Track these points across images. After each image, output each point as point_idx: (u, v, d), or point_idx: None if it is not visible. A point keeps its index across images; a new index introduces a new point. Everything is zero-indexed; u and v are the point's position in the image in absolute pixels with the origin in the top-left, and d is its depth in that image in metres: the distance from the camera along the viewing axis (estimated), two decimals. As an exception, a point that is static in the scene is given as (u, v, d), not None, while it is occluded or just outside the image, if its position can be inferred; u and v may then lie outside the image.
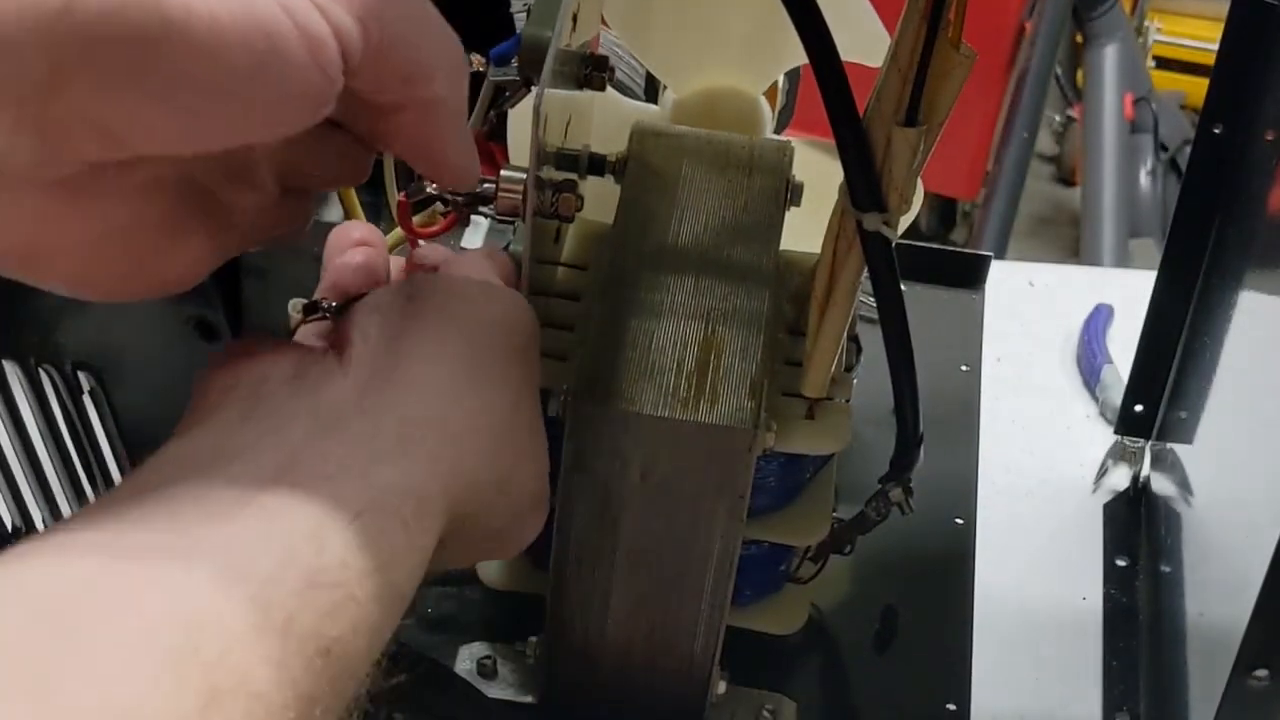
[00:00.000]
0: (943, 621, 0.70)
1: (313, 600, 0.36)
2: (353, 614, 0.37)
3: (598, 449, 0.54)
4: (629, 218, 0.59)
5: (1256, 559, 0.54)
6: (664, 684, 0.60)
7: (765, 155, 0.62)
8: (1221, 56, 0.72)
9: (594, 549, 0.57)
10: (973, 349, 0.86)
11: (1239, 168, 0.72)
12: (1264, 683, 0.56)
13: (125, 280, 0.42)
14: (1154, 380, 0.81)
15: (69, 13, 0.34)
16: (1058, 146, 2.79)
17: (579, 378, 0.54)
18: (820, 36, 0.50)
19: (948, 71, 0.49)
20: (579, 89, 0.59)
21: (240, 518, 0.37)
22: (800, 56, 0.51)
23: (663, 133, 0.63)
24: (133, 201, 0.40)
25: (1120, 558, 0.80)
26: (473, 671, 0.64)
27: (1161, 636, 0.73)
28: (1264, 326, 0.65)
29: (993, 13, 2.02)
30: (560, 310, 0.59)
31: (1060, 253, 2.60)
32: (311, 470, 0.39)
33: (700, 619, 0.58)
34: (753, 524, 0.58)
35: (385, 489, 0.40)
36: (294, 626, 0.35)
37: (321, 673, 0.36)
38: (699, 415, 0.53)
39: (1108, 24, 2.34)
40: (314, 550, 0.37)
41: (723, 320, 0.56)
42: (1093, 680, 0.74)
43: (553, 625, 0.60)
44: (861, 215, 0.52)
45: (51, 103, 0.35)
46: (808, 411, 0.58)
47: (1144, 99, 2.37)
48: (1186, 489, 0.76)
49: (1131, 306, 0.82)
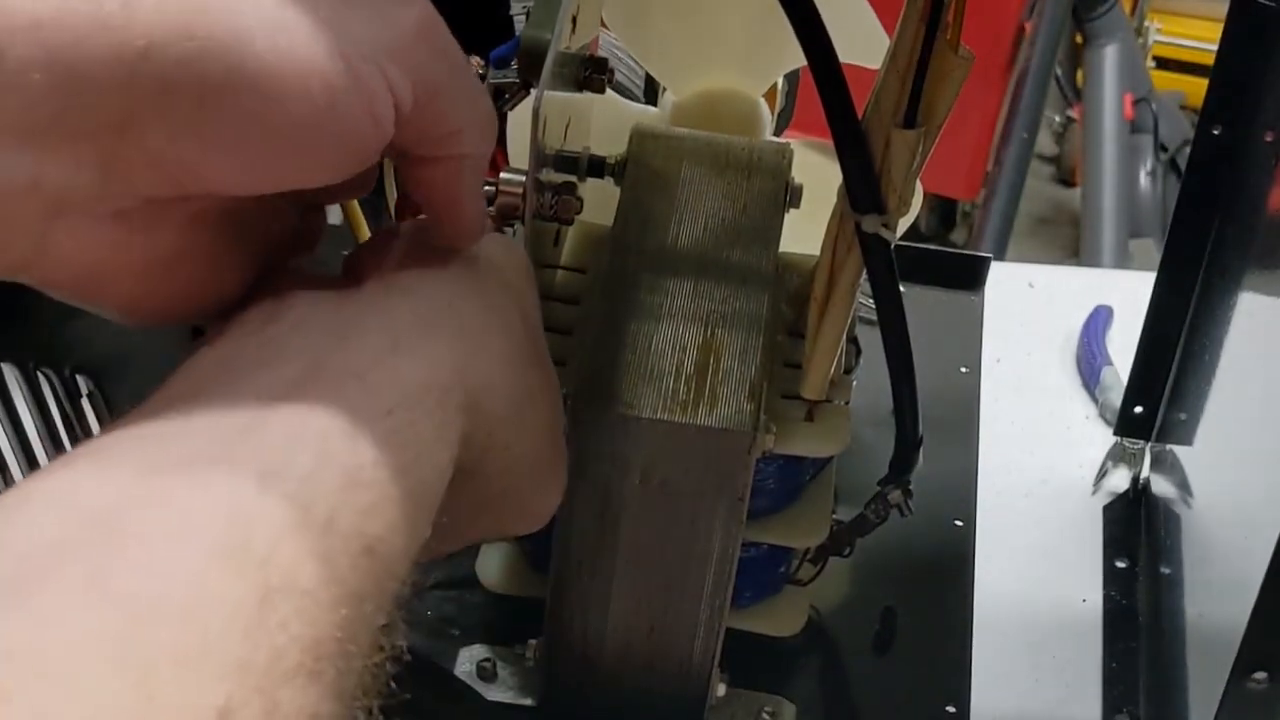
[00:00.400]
0: (942, 623, 0.70)
1: (353, 499, 0.36)
2: (390, 512, 0.37)
3: (597, 452, 0.54)
4: (628, 220, 0.59)
5: (1256, 561, 0.54)
6: (663, 686, 0.60)
7: (764, 157, 0.62)
8: (1220, 57, 0.72)
9: (593, 551, 0.57)
10: (972, 350, 0.86)
11: (1238, 168, 0.72)
12: (1263, 685, 0.56)
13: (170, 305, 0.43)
14: (1154, 381, 0.81)
15: (147, 58, 0.35)
16: (1058, 147, 2.79)
17: (578, 381, 0.54)
18: (818, 38, 0.50)
19: (946, 73, 0.49)
20: (578, 91, 0.59)
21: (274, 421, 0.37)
22: (800, 58, 0.51)
23: (662, 135, 0.63)
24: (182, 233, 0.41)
25: (1120, 559, 0.80)
26: (472, 674, 0.64)
27: (1161, 638, 0.73)
28: (1264, 327, 0.65)
29: (993, 13, 2.02)
30: (559, 314, 0.59)
31: (1060, 253, 2.60)
32: (341, 368, 0.39)
33: (700, 621, 0.58)
34: (752, 526, 0.58)
35: (410, 382, 0.40)
36: (336, 525, 0.35)
37: (367, 572, 0.36)
38: (698, 418, 0.53)
39: (1108, 24, 2.34)
40: (349, 449, 0.37)
41: (722, 323, 0.56)
42: (1093, 682, 0.74)
43: (552, 628, 0.60)
44: (860, 217, 0.52)
45: (121, 141, 0.36)
46: (807, 414, 0.58)
47: (1144, 99, 2.37)
48: (1186, 491, 0.76)
49: (1131, 307, 0.82)
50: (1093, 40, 2.36)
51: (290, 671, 0.32)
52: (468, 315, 0.44)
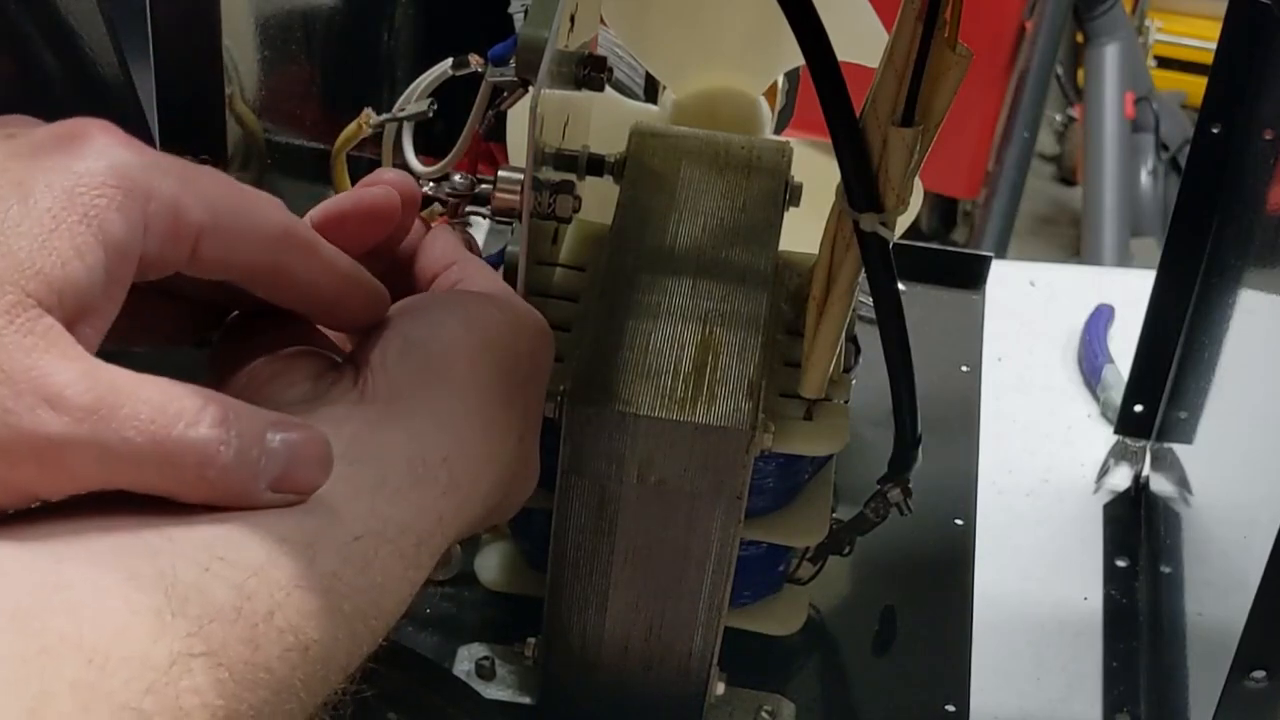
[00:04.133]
0: (943, 622, 0.70)
1: (298, 600, 0.37)
2: (333, 623, 0.38)
3: (595, 450, 0.54)
4: (627, 218, 0.59)
5: (1255, 560, 0.54)
6: (662, 685, 0.60)
7: (764, 156, 0.62)
8: (1220, 56, 0.72)
9: (591, 550, 0.57)
10: (973, 349, 0.86)
11: (1238, 167, 0.72)
12: (1262, 684, 0.56)
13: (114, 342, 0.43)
14: (1154, 380, 0.81)
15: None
16: (1059, 146, 2.79)
17: (576, 379, 0.54)
18: (816, 36, 0.50)
19: (944, 72, 0.49)
20: (577, 89, 0.59)
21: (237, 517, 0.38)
22: (800, 57, 0.51)
23: (662, 133, 0.63)
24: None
25: (1120, 558, 0.80)
26: (471, 672, 0.64)
27: (1161, 637, 0.73)
28: (1264, 325, 0.65)
29: (993, 12, 2.02)
30: (558, 311, 0.59)
31: (1061, 252, 2.60)
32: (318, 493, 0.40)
33: (698, 620, 0.58)
34: (751, 525, 0.58)
35: (388, 521, 0.41)
36: (275, 619, 0.36)
37: (297, 667, 0.37)
38: (696, 416, 0.53)
39: (1108, 23, 2.34)
40: (302, 555, 0.38)
41: (720, 321, 0.56)
42: (1093, 681, 0.74)
43: (551, 626, 0.59)
44: (858, 215, 0.52)
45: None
46: (806, 412, 0.58)
47: (1145, 98, 2.37)
48: (1186, 489, 0.76)
49: (1132, 306, 0.82)
50: (1093, 39, 2.35)
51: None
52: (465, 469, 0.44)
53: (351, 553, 0.39)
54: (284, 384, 0.44)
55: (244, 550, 0.37)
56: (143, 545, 0.36)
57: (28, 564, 0.34)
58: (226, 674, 0.34)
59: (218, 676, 0.34)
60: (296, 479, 0.39)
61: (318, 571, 0.38)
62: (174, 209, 0.39)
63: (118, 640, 0.33)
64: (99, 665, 0.32)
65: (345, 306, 0.46)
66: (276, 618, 0.36)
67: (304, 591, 0.37)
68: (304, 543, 0.38)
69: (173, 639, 0.34)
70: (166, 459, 0.36)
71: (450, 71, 0.63)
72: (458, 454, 0.44)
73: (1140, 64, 2.45)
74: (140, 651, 0.33)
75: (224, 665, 0.34)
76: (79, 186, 0.37)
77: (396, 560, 0.41)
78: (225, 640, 0.35)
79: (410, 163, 0.63)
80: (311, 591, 0.37)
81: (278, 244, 0.42)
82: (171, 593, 0.34)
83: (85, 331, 0.37)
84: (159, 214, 0.38)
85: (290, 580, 0.37)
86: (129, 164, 0.38)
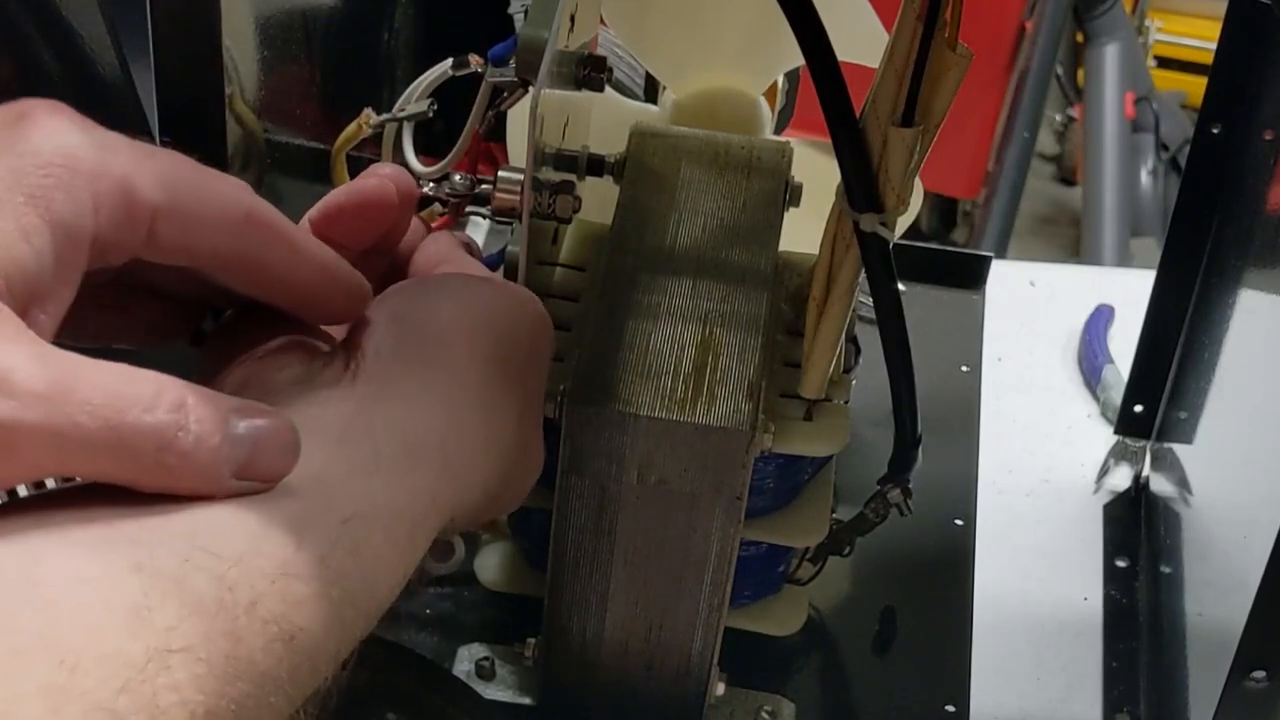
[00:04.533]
0: (943, 622, 0.70)
1: (282, 589, 0.36)
2: (321, 610, 0.37)
3: (595, 450, 0.54)
4: (627, 219, 0.59)
5: (1255, 560, 0.54)
6: (662, 685, 0.60)
7: (764, 156, 0.62)
8: (1219, 56, 0.72)
9: (591, 550, 0.57)
10: (973, 349, 0.86)
11: (1238, 167, 0.72)
12: (1262, 684, 0.56)
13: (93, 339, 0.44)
14: (1154, 380, 0.81)
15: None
16: (1059, 146, 2.79)
17: (576, 379, 0.54)
18: (816, 36, 0.50)
19: (944, 72, 0.49)
20: (577, 89, 0.59)
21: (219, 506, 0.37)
22: (800, 57, 0.51)
23: (662, 133, 0.63)
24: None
25: (1120, 558, 0.80)
26: (471, 673, 0.64)
27: (1162, 637, 0.73)
28: (1264, 325, 0.65)
29: (993, 12, 2.02)
30: (558, 311, 0.59)
31: (1061, 252, 2.60)
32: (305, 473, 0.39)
33: (698, 620, 0.58)
34: (751, 525, 0.58)
35: (380, 503, 0.40)
36: (258, 609, 0.35)
37: (281, 658, 0.36)
38: (696, 417, 0.53)
39: (1108, 23, 2.34)
40: (292, 543, 0.37)
41: (720, 322, 0.56)
42: (1093, 681, 0.74)
43: (550, 626, 0.59)
44: (858, 216, 0.52)
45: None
46: (806, 413, 0.58)
47: (1145, 98, 2.37)
48: (1186, 489, 0.76)
49: (1132, 306, 0.82)
50: (1093, 39, 2.35)
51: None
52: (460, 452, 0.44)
53: (341, 536, 0.38)
54: (276, 367, 0.44)
55: (226, 538, 0.36)
56: (121, 537, 0.35)
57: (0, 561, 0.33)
58: (206, 669, 0.34)
59: (196, 672, 0.33)
60: (262, 466, 0.38)
61: (304, 557, 0.37)
62: (125, 188, 0.38)
63: (92, 639, 0.32)
64: (70, 666, 0.31)
65: (324, 299, 0.45)
66: (260, 608, 0.35)
67: (289, 579, 0.36)
68: (290, 527, 0.37)
69: (150, 635, 0.33)
70: (121, 444, 0.35)
71: (450, 71, 0.63)
72: (454, 435, 0.43)
73: (1140, 64, 2.45)
74: (115, 649, 0.32)
75: (204, 660, 0.34)
76: (25, 167, 0.36)
77: (388, 544, 0.40)
78: (205, 634, 0.34)
79: (410, 163, 0.63)
80: (297, 578, 0.36)
81: (241, 228, 0.41)
82: (149, 586, 0.34)
83: (39, 317, 0.36)
84: (109, 193, 0.37)
85: (275, 567, 0.36)
86: (77, 143, 0.37)
